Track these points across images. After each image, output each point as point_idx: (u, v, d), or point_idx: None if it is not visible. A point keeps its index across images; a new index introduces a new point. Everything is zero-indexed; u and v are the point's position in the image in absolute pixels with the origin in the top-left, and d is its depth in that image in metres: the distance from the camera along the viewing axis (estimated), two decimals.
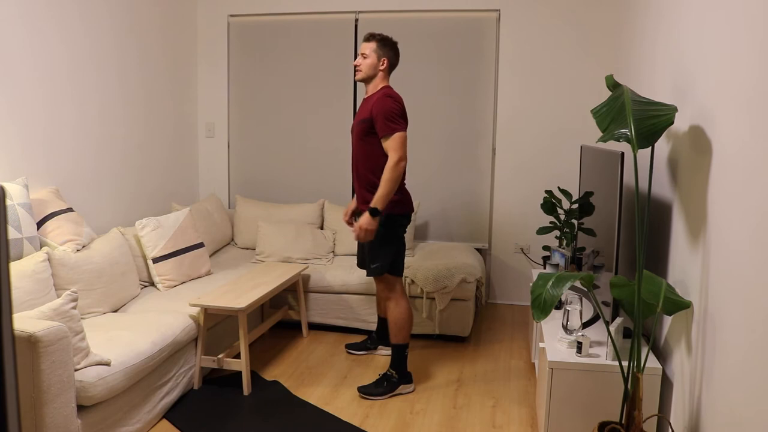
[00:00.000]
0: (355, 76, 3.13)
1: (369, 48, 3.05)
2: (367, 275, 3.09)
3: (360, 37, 4.57)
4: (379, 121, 2.92)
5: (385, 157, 2.93)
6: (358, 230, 2.91)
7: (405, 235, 3.15)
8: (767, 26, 1.63)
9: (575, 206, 3.84)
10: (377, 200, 2.87)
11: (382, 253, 3.01)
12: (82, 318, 2.88)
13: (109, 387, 2.32)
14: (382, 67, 3.05)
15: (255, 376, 3.23)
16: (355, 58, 4.56)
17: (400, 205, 3.04)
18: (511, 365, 3.45)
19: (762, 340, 1.56)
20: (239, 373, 3.18)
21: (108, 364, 2.36)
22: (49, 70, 3.22)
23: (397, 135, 2.89)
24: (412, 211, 3.13)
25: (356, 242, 3.64)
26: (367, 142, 3.00)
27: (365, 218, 2.90)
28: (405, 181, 3.09)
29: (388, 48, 3.07)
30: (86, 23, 3.49)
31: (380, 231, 2.95)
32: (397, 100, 2.96)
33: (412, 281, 3.72)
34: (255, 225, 4.46)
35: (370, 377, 3.24)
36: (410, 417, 2.84)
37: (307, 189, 4.82)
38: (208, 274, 3.76)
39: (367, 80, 3.08)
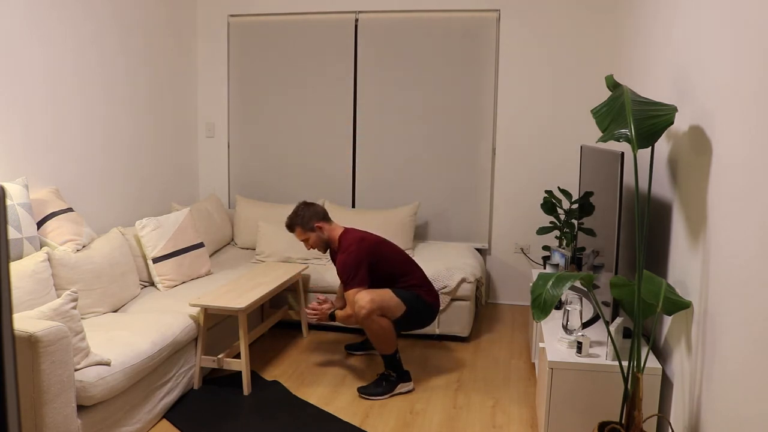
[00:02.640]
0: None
1: (300, 235, 3.23)
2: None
3: (360, 37, 4.57)
4: (340, 277, 3.08)
5: (385, 281, 3.08)
6: (317, 313, 3.09)
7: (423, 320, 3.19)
8: (767, 26, 1.63)
9: (575, 206, 3.85)
10: (339, 315, 3.06)
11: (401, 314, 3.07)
12: (82, 318, 2.88)
13: (109, 387, 2.32)
14: (323, 233, 3.21)
15: (255, 376, 3.23)
16: (356, 58, 4.58)
17: (430, 296, 3.17)
18: (511, 365, 3.45)
19: (762, 340, 1.56)
20: (239, 373, 3.18)
21: (108, 364, 2.36)
22: (50, 70, 3.22)
23: (350, 293, 3.00)
24: (438, 307, 3.22)
25: None
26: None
27: (325, 312, 3.10)
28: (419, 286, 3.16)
29: (306, 216, 3.20)
30: (87, 23, 3.49)
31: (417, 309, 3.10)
32: (350, 252, 3.04)
33: None
34: (255, 225, 4.46)
35: (369, 377, 3.24)
36: (410, 417, 2.84)
37: (307, 189, 4.82)
38: (208, 274, 3.76)
39: (329, 245, 3.25)
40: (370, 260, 3.05)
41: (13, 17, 2.97)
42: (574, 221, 3.88)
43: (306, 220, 3.19)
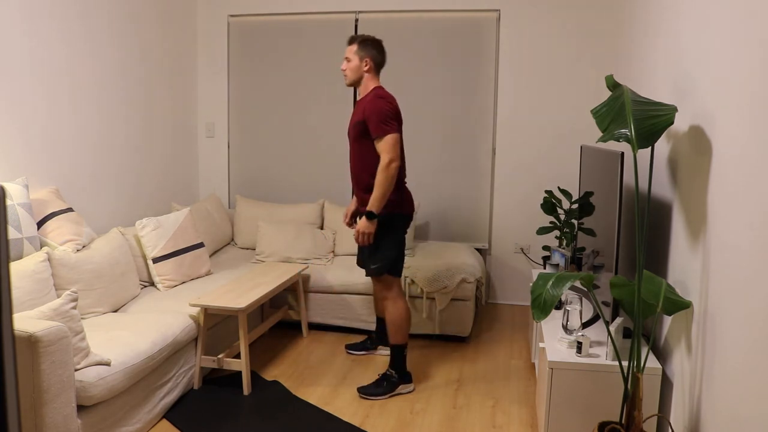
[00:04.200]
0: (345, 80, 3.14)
1: (350, 51, 3.06)
2: (366, 275, 3.08)
3: None
4: (371, 123, 2.91)
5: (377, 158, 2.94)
6: (357, 234, 2.93)
7: (405, 235, 3.15)
8: (767, 26, 1.63)
9: (575, 206, 3.84)
10: (372, 203, 2.88)
11: (381, 253, 3.01)
12: (82, 318, 2.88)
13: (109, 387, 2.32)
14: (366, 68, 3.05)
15: (255, 376, 3.23)
16: None
17: (401, 205, 3.03)
18: (511, 365, 3.45)
19: (762, 340, 1.56)
20: (239, 373, 3.18)
21: (108, 364, 2.36)
22: (49, 70, 3.22)
23: (389, 137, 2.88)
24: (413, 211, 3.13)
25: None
26: (363, 145, 3.00)
27: (363, 222, 2.91)
28: (406, 181, 3.09)
29: (370, 47, 3.06)
30: (86, 23, 3.49)
31: (381, 232, 2.95)
32: (389, 101, 2.96)
33: (412, 281, 3.72)
34: (255, 225, 4.46)
35: (370, 377, 3.24)
36: (410, 417, 2.84)
37: (307, 189, 4.82)
38: (208, 274, 3.76)
39: (356, 83, 3.10)
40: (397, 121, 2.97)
41: (11, 18, 2.96)
42: (574, 221, 3.88)
43: (368, 49, 3.04)
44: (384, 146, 2.88)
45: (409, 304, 3.49)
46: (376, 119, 2.89)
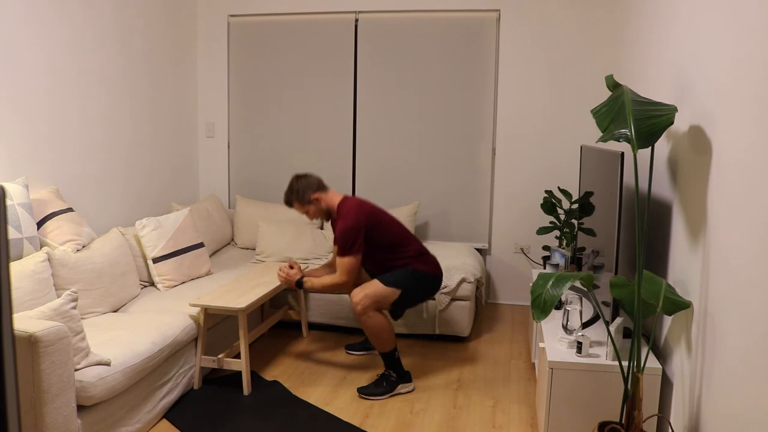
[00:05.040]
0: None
1: (299, 209, 3.20)
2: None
3: (360, 37, 4.57)
4: (337, 243, 3.04)
5: (382, 250, 3.09)
6: (284, 275, 3.13)
7: (422, 297, 3.18)
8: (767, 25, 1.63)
9: (575, 206, 3.85)
10: (313, 283, 3.06)
11: (395, 277, 3.05)
12: (82, 318, 2.88)
13: (109, 387, 2.32)
14: (320, 204, 3.17)
15: (255, 376, 3.23)
16: (356, 58, 4.58)
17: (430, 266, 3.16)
18: (511, 365, 3.45)
19: (762, 340, 1.56)
20: (239, 373, 3.18)
21: (108, 364, 2.36)
22: (50, 70, 3.22)
23: (346, 260, 3.00)
24: (439, 274, 3.19)
25: None
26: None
27: (293, 277, 3.12)
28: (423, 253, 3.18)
29: (302, 188, 3.15)
30: (87, 23, 3.49)
31: (412, 284, 3.08)
32: (349, 217, 3.03)
33: None
34: (255, 225, 4.46)
35: (369, 377, 3.24)
36: (410, 417, 2.84)
37: None
38: (208, 274, 3.76)
39: (328, 215, 3.23)
40: (368, 227, 3.04)
41: (13, 17, 2.97)
42: (574, 221, 3.88)
43: (301, 193, 3.15)
44: (341, 267, 3.02)
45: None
46: (340, 242, 3.02)
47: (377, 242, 3.08)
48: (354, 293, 2.98)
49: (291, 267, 3.18)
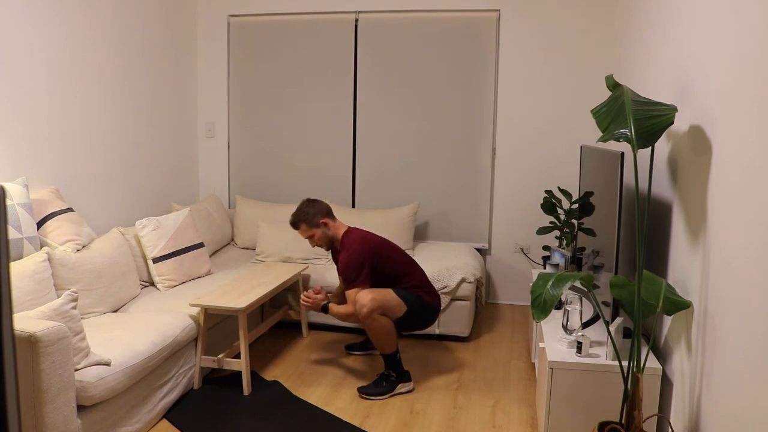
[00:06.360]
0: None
1: (305, 232, 3.18)
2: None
3: (360, 37, 4.57)
4: (343, 275, 3.06)
5: (387, 280, 3.08)
6: (310, 300, 3.10)
7: (424, 321, 3.18)
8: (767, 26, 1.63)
9: (575, 206, 3.85)
10: (335, 310, 3.06)
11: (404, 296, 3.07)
12: (82, 318, 2.88)
13: (109, 387, 2.32)
14: (328, 229, 3.17)
15: (255, 376, 3.23)
16: (356, 58, 4.58)
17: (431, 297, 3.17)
18: (511, 365, 3.45)
19: (762, 340, 1.56)
20: (239, 373, 3.18)
21: (108, 364, 2.36)
22: (50, 70, 3.22)
23: (352, 292, 3.00)
24: (439, 307, 3.22)
25: None
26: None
27: (318, 302, 3.09)
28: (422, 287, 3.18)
29: (312, 212, 3.15)
30: (87, 23, 3.49)
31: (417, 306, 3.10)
32: (353, 250, 3.03)
33: None
34: (255, 225, 4.46)
35: (369, 377, 3.24)
36: (410, 417, 2.84)
37: (306, 189, 4.82)
38: (208, 274, 3.76)
39: (332, 243, 3.21)
40: (373, 260, 3.05)
41: (13, 17, 2.97)
42: (574, 221, 3.88)
43: (311, 216, 3.16)
44: (349, 298, 3.02)
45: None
46: (344, 274, 3.04)
47: (381, 274, 3.10)
48: (361, 295, 2.95)
49: (317, 292, 3.15)
